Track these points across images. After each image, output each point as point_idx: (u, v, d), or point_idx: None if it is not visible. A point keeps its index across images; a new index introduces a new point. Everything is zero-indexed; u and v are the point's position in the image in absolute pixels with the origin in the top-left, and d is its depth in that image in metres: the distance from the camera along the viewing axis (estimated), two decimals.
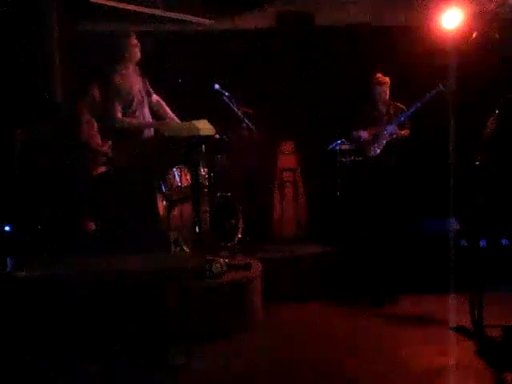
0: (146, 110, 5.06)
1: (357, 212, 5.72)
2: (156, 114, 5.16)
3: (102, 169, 5.09)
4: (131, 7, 6.17)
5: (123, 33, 5.05)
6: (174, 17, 6.42)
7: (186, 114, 5.15)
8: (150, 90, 5.18)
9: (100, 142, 5.23)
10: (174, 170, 5.20)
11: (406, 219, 5.63)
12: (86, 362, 3.54)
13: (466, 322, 4.23)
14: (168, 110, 5.27)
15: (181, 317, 3.80)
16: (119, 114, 4.83)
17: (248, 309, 4.43)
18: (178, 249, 4.89)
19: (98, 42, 5.91)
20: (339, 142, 6.11)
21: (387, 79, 5.84)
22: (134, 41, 4.98)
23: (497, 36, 5.78)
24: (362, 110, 5.95)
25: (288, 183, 6.59)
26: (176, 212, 5.03)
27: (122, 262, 4.26)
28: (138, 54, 4.99)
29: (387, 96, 5.86)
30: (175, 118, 5.26)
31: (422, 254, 5.50)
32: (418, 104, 5.61)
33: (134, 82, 5.00)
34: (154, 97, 5.22)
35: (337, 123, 6.15)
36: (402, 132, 5.76)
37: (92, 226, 4.85)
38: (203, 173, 5.09)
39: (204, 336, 3.97)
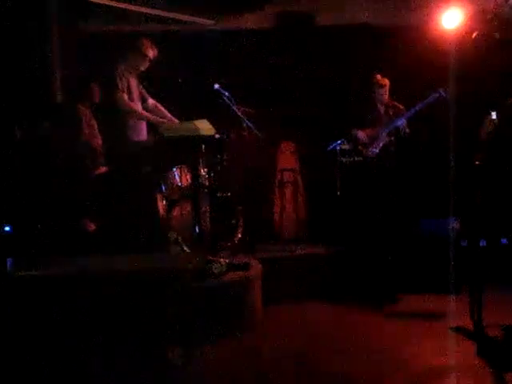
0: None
1: (357, 212, 5.72)
2: None
3: (102, 169, 5.10)
4: (131, 7, 6.17)
5: (146, 40, 5.15)
6: (174, 17, 6.42)
7: (186, 114, 5.16)
8: (146, 94, 5.24)
9: (100, 141, 5.24)
10: (174, 169, 5.20)
11: (406, 219, 5.63)
12: (86, 362, 3.54)
13: (466, 321, 4.23)
14: (166, 112, 5.30)
15: (181, 317, 3.80)
16: (125, 97, 4.90)
17: (248, 309, 4.43)
18: (178, 249, 4.89)
19: (99, 42, 5.93)
20: (339, 142, 6.11)
21: (387, 81, 5.85)
22: (150, 53, 5.08)
23: (497, 36, 5.78)
24: (362, 110, 5.96)
25: (288, 183, 6.59)
26: (176, 212, 5.03)
27: (122, 262, 4.26)
28: (145, 66, 5.09)
29: (386, 97, 5.88)
30: (174, 119, 5.29)
31: (421, 254, 5.49)
32: (418, 107, 5.62)
33: (132, 79, 5.08)
34: (150, 101, 5.28)
35: (337, 123, 6.15)
36: (407, 129, 5.76)
37: (92, 226, 4.85)
38: (203, 173, 5.10)
39: (204, 336, 3.97)
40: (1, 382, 3.43)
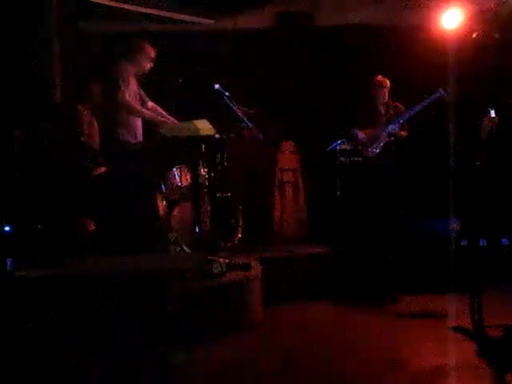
0: None
1: (357, 212, 5.73)
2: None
3: (102, 169, 5.10)
4: (131, 7, 6.17)
5: (147, 41, 5.18)
6: (174, 17, 6.43)
7: (186, 114, 5.16)
8: (145, 97, 5.26)
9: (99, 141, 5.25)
10: (174, 169, 5.21)
11: (406, 219, 5.63)
12: (86, 362, 3.54)
13: (466, 322, 4.23)
14: (165, 114, 5.31)
15: (181, 317, 3.80)
16: (127, 95, 4.92)
17: (248, 309, 4.43)
18: (178, 249, 4.90)
19: (99, 42, 5.94)
20: (339, 142, 6.11)
21: (387, 82, 5.86)
22: (153, 54, 5.10)
23: (497, 36, 5.78)
24: (362, 110, 5.97)
25: (288, 183, 6.59)
26: (176, 212, 5.03)
27: (122, 262, 4.26)
28: (148, 67, 5.10)
29: (386, 98, 5.88)
30: (174, 120, 5.29)
31: (422, 253, 5.50)
32: (418, 107, 5.63)
33: (133, 80, 5.09)
34: (150, 104, 5.31)
35: (337, 123, 6.15)
36: (402, 132, 5.79)
37: (92, 226, 4.85)
38: (203, 173, 5.10)
39: (204, 336, 3.97)
40: (1, 382, 3.43)
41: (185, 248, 4.91)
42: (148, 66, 5.22)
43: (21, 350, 3.53)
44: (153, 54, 5.23)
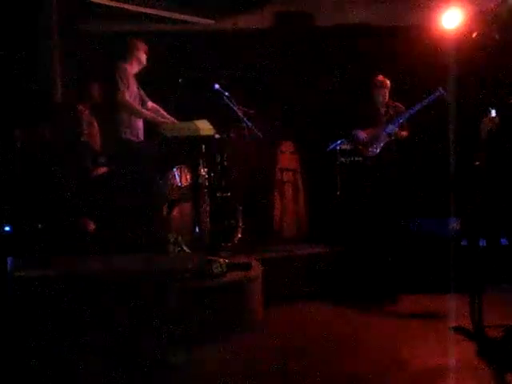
0: None
1: (357, 212, 5.73)
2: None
3: (102, 169, 5.10)
4: (131, 7, 6.18)
5: (136, 37, 5.20)
6: (174, 17, 6.43)
7: (186, 114, 5.16)
8: (145, 97, 5.26)
9: (100, 141, 5.25)
10: (174, 169, 5.21)
11: (406, 219, 5.63)
12: (86, 362, 3.54)
13: (466, 322, 4.23)
14: (165, 114, 5.31)
15: (181, 317, 3.80)
16: (127, 96, 4.91)
17: (248, 309, 4.43)
18: (178, 249, 4.90)
19: (99, 42, 5.94)
20: (339, 142, 6.12)
21: (388, 82, 5.86)
22: (145, 47, 5.12)
23: (497, 36, 5.78)
24: (362, 110, 5.96)
25: (288, 183, 6.60)
26: (176, 212, 5.04)
27: (122, 262, 4.26)
28: (145, 59, 5.11)
29: (387, 98, 5.88)
30: (174, 120, 5.30)
31: (421, 253, 5.49)
32: (418, 106, 5.62)
33: (132, 80, 5.09)
34: (150, 104, 5.30)
35: (337, 123, 6.15)
36: (402, 133, 5.78)
37: (92, 226, 4.85)
38: (203, 173, 5.10)
39: (204, 336, 3.97)
40: (1, 382, 3.43)
41: (185, 248, 4.91)
42: (144, 59, 5.20)
43: (21, 350, 3.53)
44: (145, 47, 5.21)
